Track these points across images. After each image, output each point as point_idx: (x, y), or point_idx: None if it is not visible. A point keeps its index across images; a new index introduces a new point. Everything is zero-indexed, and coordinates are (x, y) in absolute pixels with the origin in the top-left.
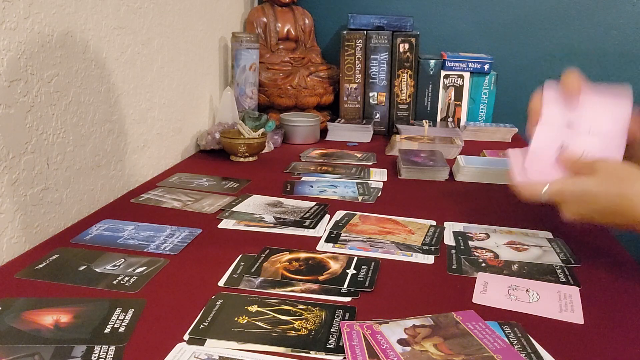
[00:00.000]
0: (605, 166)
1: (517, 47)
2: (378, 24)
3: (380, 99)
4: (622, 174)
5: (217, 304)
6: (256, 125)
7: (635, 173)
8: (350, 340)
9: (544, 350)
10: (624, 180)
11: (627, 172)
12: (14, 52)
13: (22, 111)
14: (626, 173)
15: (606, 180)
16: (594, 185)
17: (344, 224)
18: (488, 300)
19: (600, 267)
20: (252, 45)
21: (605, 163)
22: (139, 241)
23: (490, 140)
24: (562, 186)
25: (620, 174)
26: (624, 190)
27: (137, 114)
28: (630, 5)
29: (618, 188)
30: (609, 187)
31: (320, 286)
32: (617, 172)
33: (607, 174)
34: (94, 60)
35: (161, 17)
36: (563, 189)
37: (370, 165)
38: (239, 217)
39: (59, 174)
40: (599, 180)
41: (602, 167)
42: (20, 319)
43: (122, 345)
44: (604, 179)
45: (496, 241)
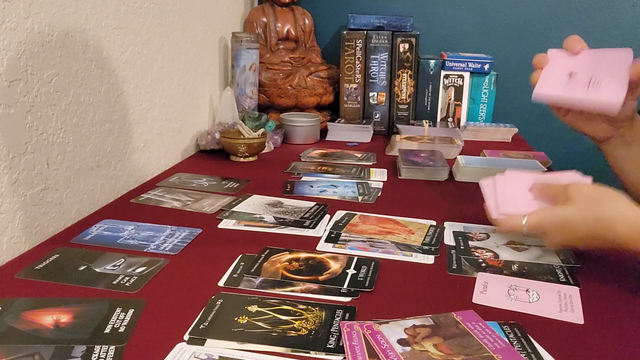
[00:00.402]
0: (578, 192)
1: (517, 47)
2: (378, 24)
3: (380, 99)
4: (595, 197)
5: (217, 304)
6: (256, 125)
7: (607, 195)
8: (350, 340)
9: (544, 350)
10: (599, 203)
11: (600, 194)
12: (14, 52)
13: (22, 111)
14: (599, 195)
15: (581, 206)
16: (571, 213)
17: (344, 224)
18: (488, 300)
19: (600, 267)
20: (252, 45)
21: (578, 188)
22: (139, 241)
23: (490, 140)
24: (540, 217)
25: (594, 197)
26: (600, 214)
27: (137, 114)
28: (630, 5)
29: (594, 213)
30: (585, 213)
31: (320, 286)
32: (592, 196)
33: (582, 200)
34: (94, 60)
35: (161, 17)
36: (542, 220)
37: (370, 165)
38: (239, 217)
39: (59, 174)
40: (575, 208)
41: (575, 193)
42: (20, 319)
43: (122, 345)
44: (579, 206)
45: (496, 241)
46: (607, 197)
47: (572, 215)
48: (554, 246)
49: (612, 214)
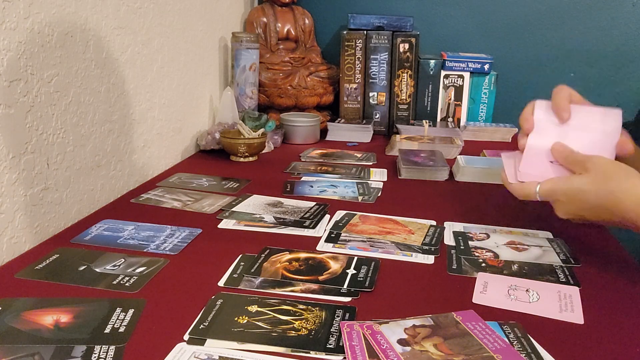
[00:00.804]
0: (596, 164)
1: (517, 47)
2: (378, 24)
3: (380, 99)
4: (611, 172)
5: (217, 304)
6: (256, 125)
7: (624, 170)
8: (350, 340)
9: (544, 350)
10: (612, 178)
11: (617, 169)
12: (14, 52)
13: (22, 111)
14: (615, 170)
15: (596, 178)
16: (585, 183)
17: (344, 224)
18: (488, 300)
19: (600, 267)
20: (252, 45)
21: (597, 161)
22: (139, 241)
23: (490, 140)
24: (553, 185)
25: (609, 171)
26: (612, 187)
27: (137, 114)
28: (630, 5)
29: (607, 186)
30: (599, 185)
31: (320, 286)
32: (607, 170)
33: (597, 173)
34: (94, 60)
35: (161, 17)
36: (555, 188)
37: (370, 165)
38: (239, 217)
39: (59, 174)
40: (590, 179)
41: (593, 166)
42: (20, 319)
43: (122, 345)
44: (594, 178)
45: (496, 241)
46: (622, 172)
47: (585, 185)
48: (564, 215)
49: (623, 188)
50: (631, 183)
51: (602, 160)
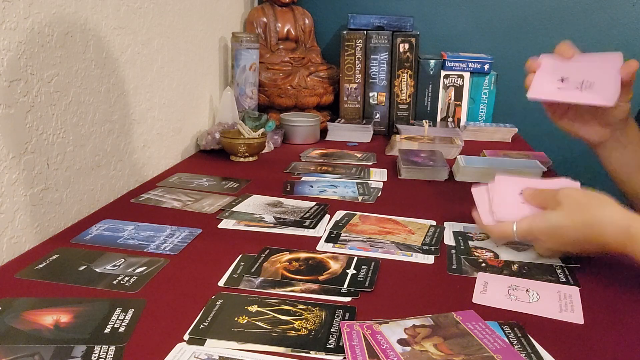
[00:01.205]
0: (568, 197)
1: (517, 47)
2: (378, 24)
3: (380, 99)
4: (584, 202)
5: (217, 304)
6: (256, 125)
7: (597, 199)
8: (350, 340)
9: (544, 350)
10: (588, 208)
11: (589, 199)
12: (14, 52)
13: (22, 111)
14: (588, 200)
15: (571, 211)
16: (561, 218)
17: (344, 224)
18: (488, 300)
19: (600, 267)
20: (252, 45)
21: (568, 193)
22: (139, 241)
23: (490, 140)
24: (530, 224)
25: (583, 202)
26: (589, 218)
27: (137, 114)
28: (630, 5)
29: (584, 217)
30: (575, 218)
31: (320, 286)
32: (581, 201)
33: (571, 204)
34: (94, 60)
35: (161, 17)
36: (532, 227)
37: (370, 165)
38: (239, 217)
39: (59, 174)
40: (564, 213)
41: (565, 198)
42: (20, 319)
43: (122, 345)
44: (568, 211)
45: (496, 241)
46: (596, 201)
47: (562, 220)
48: (546, 252)
49: (600, 218)
50: (608, 211)
51: (571, 191)
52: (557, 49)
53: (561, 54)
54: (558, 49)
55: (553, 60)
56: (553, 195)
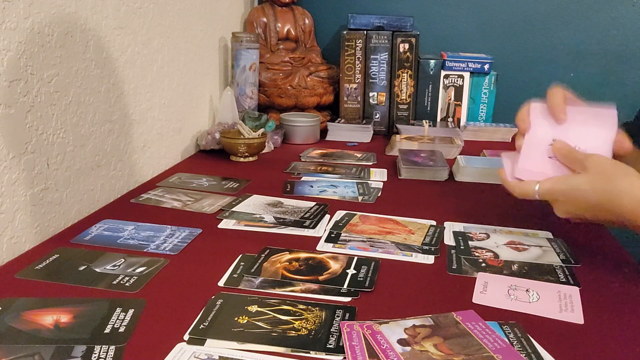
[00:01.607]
0: (595, 163)
1: (517, 47)
2: (378, 24)
3: (380, 99)
4: (610, 171)
5: (217, 304)
6: (256, 125)
7: (623, 170)
8: (350, 340)
9: (544, 350)
10: (611, 177)
11: (616, 169)
12: (14, 52)
13: (22, 111)
14: (614, 170)
15: (595, 177)
16: (584, 183)
17: (344, 224)
18: (488, 300)
19: (600, 267)
20: (252, 45)
21: (596, 159)
22: (139, 241)
23: (490, 140)
24: (552, 185)
25: (608, 171)
26: (610, 187)
27: (137, 114)
28: (630, 5)
29: (606, 185)
30: (598, 185)
31: (320, 286)
32: (606, 169)
33: (596, 172)
34: (94, 60)
35: (161, 17)
36: (554, 187)
37: (370, 165)
38: (239, 217)
39: (59, 174)
40: (589, 178)
41: (592, 165)
42: (20, 319)
43: (122, 345)
44: (593, 177)
45: (496, 241)
46: (620, 171)
47: (584, 184)
48: (563, 214)
49: (621, 187)
50: (629, 182)
51: (600, 159)
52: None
53: (553, 116)
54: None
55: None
56: (582, 159)
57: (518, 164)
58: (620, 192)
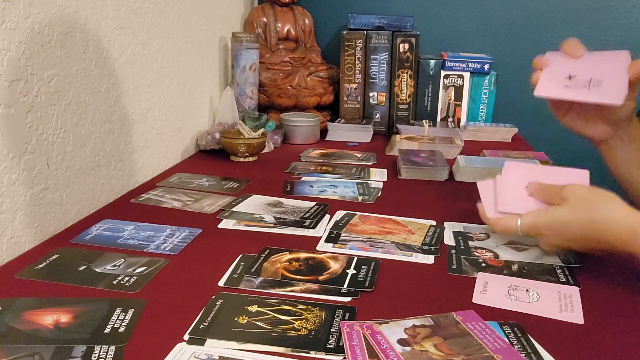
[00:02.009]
0: (574, 193)
1: (517, 47)
2: (378, 24)
3: (380, 99)
4: (590, 199)
5: (217, 304)
6: (256, 125)
7: (602, 197)
8: (350, 340)
9: (544, 350)
10: (592, 205)
11: (595, 196)
12: (14, 52)
13: (22, 111)
14: (594, 197)
15: (576, 207)
16: (566, 214)
17: (344, 224)
18: (488, 300)
19: (600, 267)
20: (252, 45)
21: (574, 189)
22: (139, 241)
23: (490, 140)
24: (534, 219)
25: (588, 199)
26: (593, 215)
27: (137, 114)
28: (630, 5)
29: (588, 214)
30: (580, 215)
31: (320, 286)
32: (586, 198)
33: (576, 201)
34: (94, 60)
35: (161, 17)
36: (536, 222)
37: (370, 165)
38: (239, 217)
39: (59, 174)
40: (569, 209)
41: (571, 195)
42: (20, 319)
43: (122, 345)
44: (573, 207)
45: (496, 241)
46: (601, 198)
47: (566, 216)
48: (549, 247)
49: (605, 216)
50: (611, 210)
51: (578, 188)
52: (563, 47)
53: (568, 52)
54: (565, 47)
55: (560, 58)
56: (559, 191)
57: (499, 200)
58: (603, 220)
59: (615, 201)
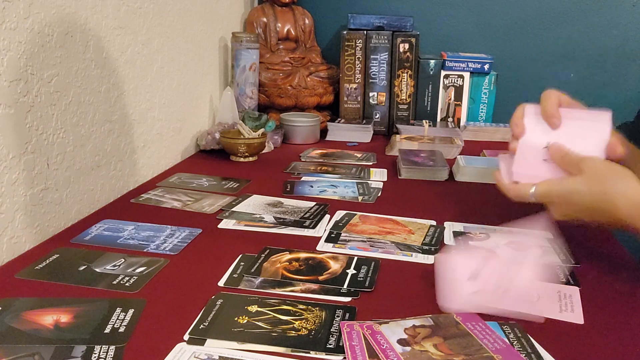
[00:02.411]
0: (590, 165)
1: (517, 47)
2: (378, 24)
3: (380, 99)
4: (605, 173)
5: (217, 304)
6: (256, 125)
7: (618, 171)
8: (350, 340)
9: (544, 350)
10: (607, 179)
11: (611, 170)
12: (14, 52)
13: (22, 111)
14: (609, 171)
15: (590, 179)
16: (580, 185)
17: (344, 224)
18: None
19: (600, 267)
20: (252, 45)
21: (591, 161)
22: (139, 241)
23: (490, 140)
24: (548, 187)
25: (604, 172)
26: (606, 188)
27: (137, 114)
28: (630, 5)
29: (601, 187)
30: (593, 187)
31: (320, 286)
32: (602, 171)
33: (592, 174)
34: (94, 60)
35: (161, 17)
36: (550, 190)
37: (370, 165)
38: (239, 217)
39: (59, 174)
40: (584, 180)
41: (587, 166)
42: (20, 319)
43: (122, 345)
44: (588, 179)
45: (496, 241)
46: (616, 173)
47: (580, 186)
48: (560, 217)
49: (616, 190)
50: (624, 184)
51: (596, 161)
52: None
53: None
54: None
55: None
56: (577, 162)
57: (513, 168)
58: (616, 194)
59: (630, 177)
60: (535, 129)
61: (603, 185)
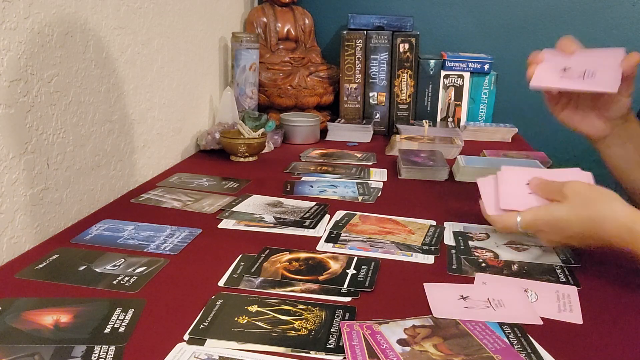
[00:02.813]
0: (574, 190)
1: (517, 47)
2: (378, 24)
3: (380, 99)
4: (590, 196)
5: (217, 304)
6: (256, 125)
7: (603, 195)
8: (350, 340)
9: (543, 350)
10: (592, 202)
11: (595, 194)
12: (14, 52)
13: (22, 111)
14: (594, 195)
15: (575, 205)
16: (565, 212)
17: (344, 224)
18: None
19: (600, 267)
20: (252, 45)
21: (575, 186)
22: (139, 241)
23: (490, 140)
24: (534, 216)
25: (588, 196)
26: (592, 213)
27: (137, 114)
28: (630, 5)
29: (587, 211)
30: (579, 212)
31: (320, 286)
32: (586, 195)
33: (576, 199)
34: (94, 60)
35: (161, 17)
36: (536, 219)
37: (370, 165)
38: (239, 217)
39: (59, 174)
40: (569, 206)
41: (571, 192)
42: (20, 319)
43: (122, 345)
44: (573, 204)
45: (496, 241)
46: (601, 197)
47: (566, 213)
48: (550, 244)
49: (604, 214)
50: (610, 208)
51: (578, 185)
52: (559, 44)
53: (563, 48)
54: (560, 44)
55: (555, 54)
56: (560, 188)
57: (500, 203)
58: (603, 218)
59: (615, 199)
60: (553, 58)
61: (589, 210)
